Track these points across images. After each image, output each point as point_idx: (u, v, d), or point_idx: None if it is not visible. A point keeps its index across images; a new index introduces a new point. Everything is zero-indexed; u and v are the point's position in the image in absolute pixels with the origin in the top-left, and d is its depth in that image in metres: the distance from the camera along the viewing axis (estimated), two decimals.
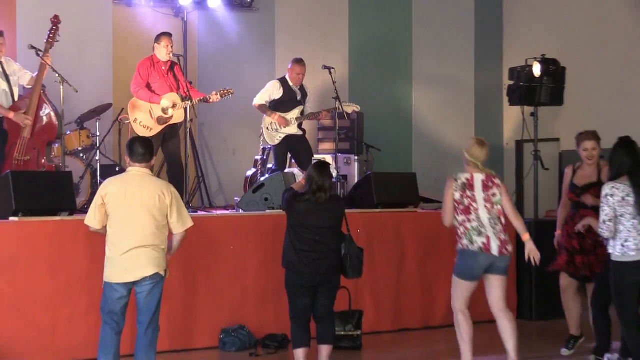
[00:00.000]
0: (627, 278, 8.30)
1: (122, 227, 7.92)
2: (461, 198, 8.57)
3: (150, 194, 7.96)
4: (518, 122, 14.27)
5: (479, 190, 8.58)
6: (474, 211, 8.54)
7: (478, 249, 8.49)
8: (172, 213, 8.03)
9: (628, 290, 8.32)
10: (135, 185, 7.98)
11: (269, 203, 11.26)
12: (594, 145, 9.73)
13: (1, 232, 9.34)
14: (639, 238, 8.21)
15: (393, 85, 17.04)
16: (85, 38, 13.88)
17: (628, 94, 16.23)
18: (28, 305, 9.34)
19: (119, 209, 7.93)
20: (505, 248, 8.52)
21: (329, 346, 8.84)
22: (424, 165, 16.53)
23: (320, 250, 8.64)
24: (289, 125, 12.64)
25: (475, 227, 8.52)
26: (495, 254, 8.49)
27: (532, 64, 12.84)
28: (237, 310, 10.47)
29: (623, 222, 8.23)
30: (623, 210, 8.21)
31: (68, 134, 12.38)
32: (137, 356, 8.06)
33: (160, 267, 8.01)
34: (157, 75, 11.98)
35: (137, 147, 8.10)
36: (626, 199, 8.20)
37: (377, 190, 11.67)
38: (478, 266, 8.56)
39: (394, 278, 11.46)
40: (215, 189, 15.31)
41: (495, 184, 8.61)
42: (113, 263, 7.93)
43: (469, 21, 17.38)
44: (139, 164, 8.06)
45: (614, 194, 8.24)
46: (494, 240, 8.50)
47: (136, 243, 7.89)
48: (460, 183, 8.59)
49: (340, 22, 16.45)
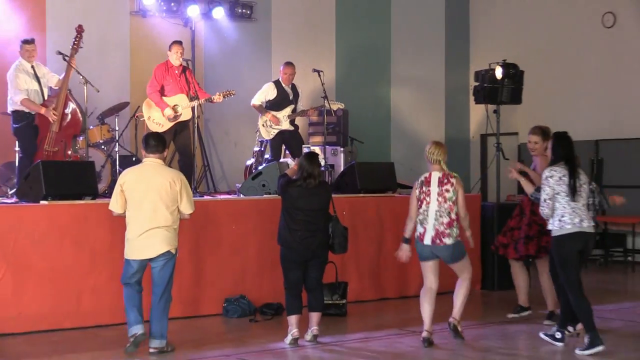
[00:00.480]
0: (567, 248, 8.37)
1: (139, 211, 8.00)
2: (419, 194, 8.59)
3: (163, 181, 8.02)
4: (482, 118, 14.33)
5: (435, 185, 8.55)
6: (425, 204, 8.55)
7: (417, 238, 8.58)
8: (182, 198, 8.11)
9: (569, 259, 8.38)
10: (149, 173, 8.05)
11: (266, 189, 11.28)
12: (537, 139, 9.69)
13: (33, 214, 9.36)
14: (573, 215, 8.31)
15: (374, 86, 17.05)
16: (105, 45, 13.86)
17: (576, 93, 16.36)
18: (57, 277, 9.35)
19: (135, 194, 8.01)
20: (439, 239, 8.48)
21: (318, 313, 8.87)
22: (401, 155, 16.54)
23: (310, 229, 8.67)
24: (282, 123, 12.67)
25: (421, 219, 8.56)
26: (428, 244, 8.51)
27: (495, 68, 12.86)
28: (238, 282, 10.49)
29: (559, 199, 8.33)
30: (559, 189, 8.33)
31: (91, 128, 12.35)
32: (151, 322, 8.13)
33: (172, 245, 8.09)
34: (170, 78, 11.97)
35: (151, 140, 8.22)
36: (562, 179, 8.32)
37: (360, 177, 11.70)
38: (423, 252, 8.61)
39: (375, 254, 11.49)
40: (219, 176, 15.30)
41: (451, 182, 8.57)
42: (131, 243, 8.05)
43: (439, 31, 17.42)
44: (152, 154, 8.12)
45: (552, 175, 8.36)
46: (430, 231, 8.49)
47: (151, 224, 7.97)
48: (420, 182, 8.63)
49: (328, 32, 16.45)
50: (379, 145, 16.55)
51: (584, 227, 8.32)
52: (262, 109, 12.70)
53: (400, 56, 17.22)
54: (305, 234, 8.64)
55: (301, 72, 13.09)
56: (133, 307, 8.08)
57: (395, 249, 11.25)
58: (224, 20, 15.24)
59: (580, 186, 8.39)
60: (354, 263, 11.16)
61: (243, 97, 13.18)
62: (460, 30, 17.74)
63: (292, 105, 12.78)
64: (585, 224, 8.33)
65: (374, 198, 11.52)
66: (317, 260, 8.79)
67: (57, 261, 9.35)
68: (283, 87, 12.75)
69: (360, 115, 15.96)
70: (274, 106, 12.71)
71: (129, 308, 8.11)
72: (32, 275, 9.21)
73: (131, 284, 8.11)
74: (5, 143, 11.99)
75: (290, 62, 12.83)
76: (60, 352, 8.38)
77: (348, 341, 8.98)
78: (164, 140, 8.37)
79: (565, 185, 8.31)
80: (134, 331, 8.06)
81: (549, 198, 8.34)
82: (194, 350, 8.38)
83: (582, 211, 8.34)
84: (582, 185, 8.41)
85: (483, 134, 16.58)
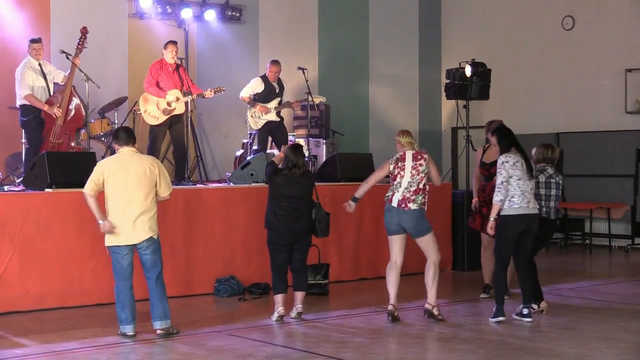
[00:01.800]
0: (509, 228, 8.53)
1: (120, 198, 7.78)
2: (394, 169, 8.62)
3: (142, 167, 7.87)
4: (453, 113, 14.29)
5: (409, 161, 8.58)
6: (399, 177, 8.57)
7: (386, 204, 8.61)
8: (161, 182, 7.95)
9: (509, 237, 8.55)
10: (128, 162, 7.88)
11: (254, 177, 11.21)
12: None
13: (38, 201, 9.29)
14: (522, 197, 8.46)
15: (354, 83, 17.01)
16: (106, 44, 13.79)
17: (538, 90, 16.41)
18: (60, 259, 9.29)
19: (116, 183, 7.79)
20: (405, 203, 8.49)
21: (303, 292, 8.85)
22: (379, 147, 16.50)
23: (295, 215, 8.64)
24: (269, 113, 12.61)
25: (393, 189, 8.60)
26: (394, 206, 8.52)
27: (465, 66, 12.84)
28: (228, 264, 10.45)
29: (511, 182, 8.48)
30: (512, 172, 8.47)
31: (92, 122, 12.27)
32: (153, 306, 7.95)
33: (154, 231, 7.89)
34: (164, 75, 11.90)
35: (122, 133, 8.03)
36: (516, 164, 8.49)
37: (341, 167, 11.68)
38: (390, 224, 8.58)
39: (354, 237, 11.46)
40: (211, 166, 15.24)
41: (423, 157, 8.61)
42: (116, 230, 7.78)
43: (414, 32, 17.40)
44: (126, 146, 7.97)
45: (507, 161, 8.53)
46: (398, 195, 8.52)
47: (133, 211, 7.77)
48: (394, 159, 8.65)
49: (312, 33, 16.39)
50: (358, 138, 16.53)
51: (530, 209, 8.52)
52: (251, 101, 12.65)
53: (377, 55, 17.19)
54: (290, 219, 8.61)
55: (287, 69, 13.05)
56: (125, 307, 7.83)
57: (373, 233, 11.29)
58: (215, 22, 15.18)
59: (550, 177, 8.79)
60: (335, 246, 11.14)
61: (233, 92, 13.11)
62: (432, 32, 17.71)
63: (279, 98, 12.73)
64: (531, 206, 8.54)
65: (353, 186, 11.42)
66: (302, 243, 8.76)
67: (61, 244, 9.29)
68: (269, 81, 12.70)
69: (341, 109, 15.92)
70: (261, 99, 12.65)
71: (119, 307, 7.84)
72: (38, 258, 9.16)
73: (124, 272, 7.81)
74: (13, 135, 11.95)
75: (277, 60, 12.79)
76: (64, 329, 8.32)
77: (330, 318, 8.97)
78: (132, 132, 8.17)
79: (518, 170, 8.47)
80: (124, 330, 7.85)
81: (505, 181, 8.47)
82: (188, 327, 8.34)
83: (530, 194, 8.53)
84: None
85: (454, 127, 16.56)
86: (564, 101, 16.05)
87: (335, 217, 10.17)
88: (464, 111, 12.94)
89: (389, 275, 8.64)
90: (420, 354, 7.56)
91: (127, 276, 7.88)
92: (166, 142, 12.48)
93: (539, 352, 7.34)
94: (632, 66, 15.14)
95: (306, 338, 8.03)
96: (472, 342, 7.78)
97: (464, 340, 7.81)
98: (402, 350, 7.55)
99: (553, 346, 7.53)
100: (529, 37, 16.54)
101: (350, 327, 8.45)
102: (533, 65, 16.46)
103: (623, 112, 15.26)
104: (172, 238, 9.83)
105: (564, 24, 16.01)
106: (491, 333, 8.25)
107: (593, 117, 15.58)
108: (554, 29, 16.13)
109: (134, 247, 7.88)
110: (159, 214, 8.05)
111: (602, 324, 8.50)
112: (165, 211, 9.24)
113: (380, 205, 8.77)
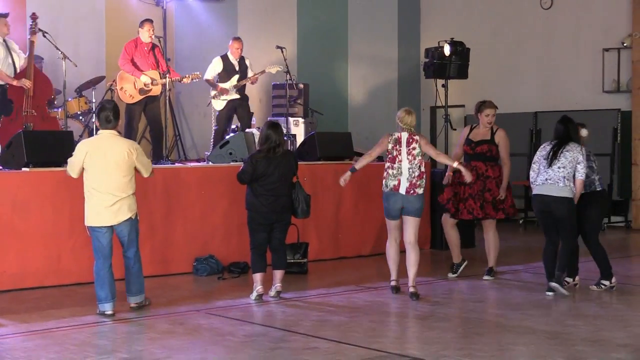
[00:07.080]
0: (534, 208, 9.03)
1: (99, 180, 7.79)
2: (392, 150, 8.71)
3: (121, 151, 7.87)
4: (432, 92, 14.33)
5: (404, 145, 8.69)
6: (397, 162, 8.66)
7: (389, 190, 8.64)
8: (140, 164, 7.97)
9: (538, 217, 9.07)
10: (107, 144, 7.87)
11: (233, 156, 11.19)
12: (494, 112, 9.78)
13: (15, 180, 9.22)
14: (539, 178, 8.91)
15: (333, 62, 17.01)
16: (82, 23, 13.75)
17: (516, 69, 16.44)
18: (39, 239, 9.24)
19: (95, 165, 7.79)
20: (413, 189, 8.62)
21: (282, 271, 8.85)
22: (357, 126, 16.56)
23: (275, 194, 8.62)
24: (230, 93, 12.60)
25: (393, 174, 8.66)
26: (403, 193, 8.62)
27: (443, 45, 12.86)
28: (207, 243, 10.44)
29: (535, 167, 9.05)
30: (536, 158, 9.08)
31: (69, 100, 12.21)
32: (129, 283, 8.03)
33: (133, 211, 7.93)
34: (139, 54, 11.85)
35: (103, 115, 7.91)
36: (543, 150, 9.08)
37: (320, 146, 11.66)
38: (393, 206, 8.70)
39: (333, 216, 11.48)
40: (189, 145, 15.22)
41: (415, 140, 8.69)
42: (96, 209, 7.81)
43: (392, 11, 17.35)
44: (106, 130, 7.92)
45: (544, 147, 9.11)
46: (405, 183, 8.62)
47: (112, 192, 7.79)
48: (393, 139, 8.73)
49: (290, 11, 16.35)
50: (337, 117, 16.54)
51: (543, 191, 8.75)
52: (213, 82, 12.68)
53: (356, 34, 17.19)
54: (271, 198, 8.60)
55: (266, 48, 13.05)
56: (104, 286, 7.84)
57: (352, 211, 11.30)
58: (193, 1, 15.09)
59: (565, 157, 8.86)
60: (314, 225, 11.13)
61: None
62: (411, 11, 17.68)
63: (237, 76, 12.70)
64: (546, 188, 8.74)
65: (332, 165, 11.49)
66: (281, 222, 8.75)
67: (39, 224, 9.24)
68: (230, 60, 12.70)
69: (320, 88, 15.91)
70: (221, 78, 12.68)
71: (99, 286, 7.85)
72: (15, 237, 9.10)
73: (104, 249, 7.84)
74: None
75: (238, 37, 12.81)
76: (43, 308, 8.29)
77: (309, 297, 8.98)
78: (117, 115, 8.03)
79: (540, 156, 8.91)
80: (103, 309, 7.85)
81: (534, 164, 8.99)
82: (166, 306, 8.33)
83: (550, 176, 8.72)
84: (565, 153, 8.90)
85: (432, 106, 16.58)
86: (541, 80, 16.11)
87: (314, 196, 10.17)
88: (443, 90, 12.96)
89: (389, 252, 8.90)
90: (399, 332, 7.62)
91: (107, 255, 7.90)
92: (143, 121, 12.44)
93: (516, 329, 7.39)
94: (609, 46, 15.22)
95: (285, 317, 8.04)
96: (451, 320, 7.85)
97: (443, 319, 7.87)
98: (381, 329, 7.59)
99: (531, 323, 7.59)
100: (507, 16, 16.55)
101: (330, 306, 8.47)
102: (511, 44, 16.50)
103: (600, 91, 15.35)
104: (151, 217, 9.81)
105: (542, 3, 16.04)
106: (470, 311, 8.32)
107: (571, 96, 15.64)
108: (532, 8, 16.16)
109: (112, 229, 7.91)
110: (137, 193, 8.06)
111: (579, 301, 8.59)
112: (144, 190, 9.20)
113: (360, 184, 8.82)
